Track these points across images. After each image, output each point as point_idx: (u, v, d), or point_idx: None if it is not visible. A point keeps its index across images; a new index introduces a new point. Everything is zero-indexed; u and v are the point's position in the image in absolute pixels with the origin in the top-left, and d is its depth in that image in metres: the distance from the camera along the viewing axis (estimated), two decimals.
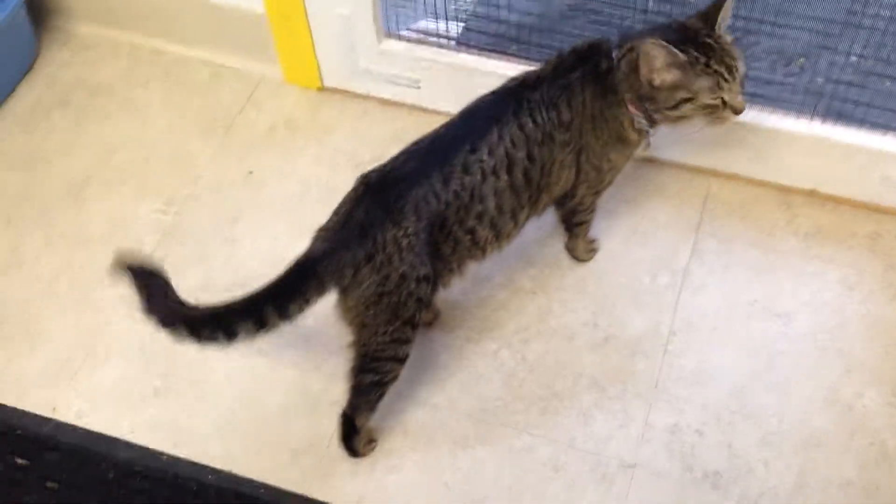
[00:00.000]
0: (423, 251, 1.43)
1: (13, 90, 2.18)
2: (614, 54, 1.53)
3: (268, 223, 1.92)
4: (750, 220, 1.87)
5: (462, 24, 2.07)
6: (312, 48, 2.04)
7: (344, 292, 1.43)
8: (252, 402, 1.69)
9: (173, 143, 2.07)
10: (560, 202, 1.66)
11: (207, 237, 1.91)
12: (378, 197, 1.42)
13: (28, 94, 2.17)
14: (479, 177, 1.48)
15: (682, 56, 1.43)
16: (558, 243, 1.84)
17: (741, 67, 1.49)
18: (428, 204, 1.44)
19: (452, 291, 1.75)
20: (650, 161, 1.95)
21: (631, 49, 1.50)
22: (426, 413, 1.67)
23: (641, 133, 1.59)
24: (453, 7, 2.01)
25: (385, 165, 1.49)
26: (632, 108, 1.54)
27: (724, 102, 1.49)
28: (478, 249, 1.55)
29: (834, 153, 1.80)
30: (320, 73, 2.11)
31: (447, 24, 1.98)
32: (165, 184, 2.00)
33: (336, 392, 1.61)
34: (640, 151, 1.64)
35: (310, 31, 2.01)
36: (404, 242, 1.40)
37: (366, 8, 1.91)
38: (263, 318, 1.38)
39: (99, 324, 1.79)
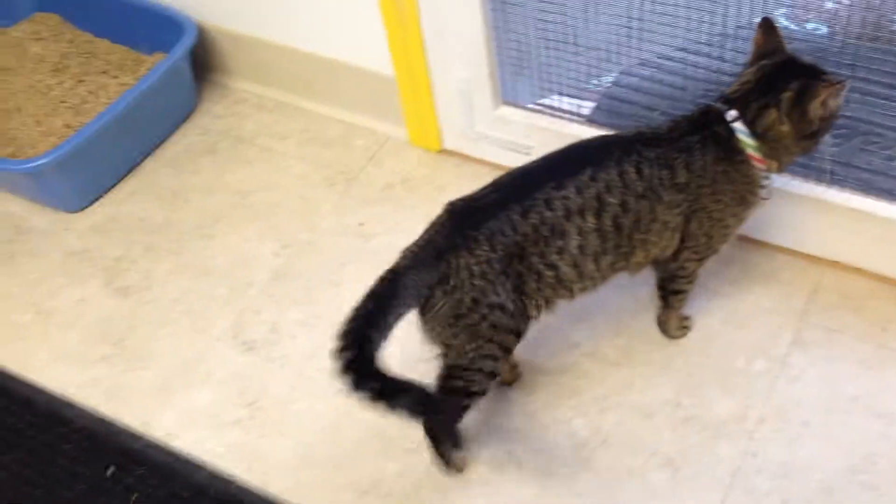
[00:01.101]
0: (498, 279, 1.45)
1: (171, 134, 2.39)
2: (729, 117, 1.52)
3: (371, 270, 1.99)
4: (861, 314, 1.77)
5: (594, 104, 2.07)
6: (434, 111, 2.14)
7: (421, 312, 1.48)
8: (329, 440, 1.74)
9: (300, 191, 2.20)
10: (661, 265, 1.64)
11: (314, 279, 2.00)
12: (459, 224, 1.47)
13: (183, 139, 2.39)
14: (560, 213, 1.49)
15: (842, 89, 1.45)
16: (651, 316, 1.80)
17: None
18: (504, 235, 1.47)
19: (538, 354, 1.75)
20: (761, 245, 1.89)
21: (765, 107, 1.50)
22: (491, 471, 1.66)
23: (761, 191, 1.58)
24: (588, 84, 2.03)
25: (473, 194, 1.55)
26: (757, 164, 1.54)
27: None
28: (563, 288, 1.54)
29: None
30: (440, 136, 2.20)
31: (579, 102, 2.00)
32: (286, 227, 2.12)
33: (411, 438, 1.65)
34: (755, 212, 1.62)
35: (432, 94, 2.10)
36: (476, 269, 1.43)
37: (483, 74, 1.98)
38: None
39: (202, 350, 1.91)
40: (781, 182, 1.78)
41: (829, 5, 1.90)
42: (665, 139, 1.54)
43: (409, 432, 1.70)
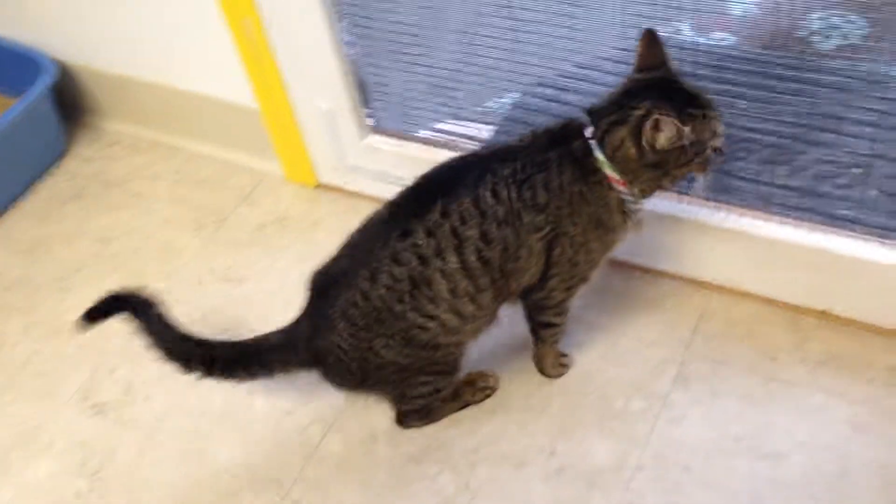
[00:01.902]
0: (376, 343, 1.44)
1: (36, 181, 2.25)
2: (587, 133, 1.39)
3: (237, 320, 1.85)
4: (751, 342, 1.64)
5: (494, 127, 1.94)
6: (303, 144, 2.01)
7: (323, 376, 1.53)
8: None
9: (166, 236, 2.07)
10: (527, 294, 1.50)
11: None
12: (318, 303, 1.47)
13: (51, 185, 2.25)
14: (414, 263, 1.38)
15: (682, 127, 1.31)
16: (529, 354, 1.66)
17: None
18: (357, 307, 1.41)
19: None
20: (643, 270, 1.77)
21: (615, 124, 1.36)
22: None
23: (626, 215, 1.43)
24: (481, 109, 1.90)
25: (328, 261, 1.48)
26: (617, 186, 1.40)
27: (715, 149, 1.37)
28: (454, 334, 1.45)
29: (853, 270, 1.56)
30: (315, 170, 2.07)
31: (477, 126, 1.87)
32: (147, 276, 1.98)
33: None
34: (623, 236, 1.47)
35: (298, 126, 1.98)
36: (346, 343, 1.45)
37: (344, 105, 1.86)
38: (229, 368, 1.54)
39: (46, 417, 1.76)
40: (653, 203, 1.66)
41: (737, 13, 1.79)
42: (522, 154, 1.41)
43: (260, 499, 1.56)
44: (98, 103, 2.33)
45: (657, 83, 1.37)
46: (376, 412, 1.63)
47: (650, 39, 1.38)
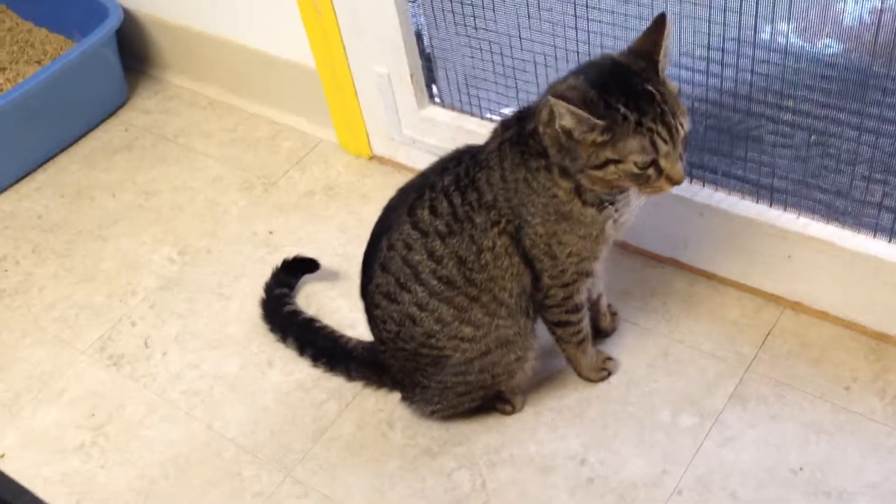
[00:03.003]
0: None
1: (94, 128, 2.20)
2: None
3: (262, 285, 1.75)
4: (823, 367, 1.46)
5: None
6: (359, 110, 1.91)
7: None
8: (176, 475, 1.49)
9: (213, 194, 1.99)
10: (533, 297, 1.35)
11: (204, 290, 1.77)
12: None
13: (106, 133, 2.20)
14: (385, 303, 1.34)
15: (596, 120, 1.11)
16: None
17: (684, 126, 1.14)
18: (387, 334, 1.39)
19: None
20: (711, 277, 1.60)
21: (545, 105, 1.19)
22: None
23: (596, 206, 1.23)
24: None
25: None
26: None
27: (660, 170, 1.14)
28: (473, 356, 1.37)
29: None
30: (370, 140, 1.96)
31: None
32: (187, 233, 1.90)
33: (265, 481, 1.45)
34: (612, 230, 1.29)
35: (355, 90, 1.87)
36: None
37: (403, 67, 1.74)
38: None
39: (62, 364, 1.69)
40: (728, 203, 1.49)
41: (848, 23, 1.61)
42: (468, 157, 1.29)
43: (263, 475, 1.45)
44: (162, 55, 2.27)
45: (620, 71, 1.16)
46: (397, 396, 1.50)
47: (656, 25, 1.17)
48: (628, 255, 1.66)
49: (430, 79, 1.80)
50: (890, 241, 1.40)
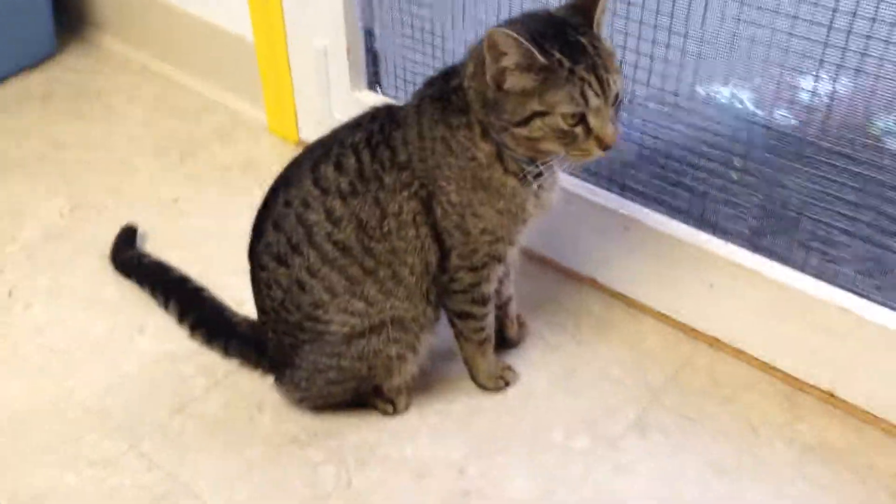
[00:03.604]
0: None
1: (12, 76, 2.07)
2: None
3: (156, 250, 1.61)
4: (733, 407, 1.35)
5: None
6: (291, 89, 1.80)
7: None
8: (7, 436, 1.32)
9: (124, 154, 1.86)
10: (436, 282, 1.23)
11: (91, 247, 1.63)
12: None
13: (24, 81, 2.07)
14: (274, 265, 1.21)
15: (538, 56, 1.01)
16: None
17: (616, 84, 1.04)
18: (267, 314, 1.28)
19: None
20: (630, 303, 1.49)
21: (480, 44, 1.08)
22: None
23: (517, 175, 1.12)
24: None
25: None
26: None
27: (588, 129, 1.04)
28: (362, 337, 1.24)
29: (877, 344, 1.27)
30: (298, 125, 1.85)
31: None
32: (86, 189, 1.77)
33: (104, 449, 1.27)
34: (532, 209, 1.18)
35: (289, 66, 1.77)
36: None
37: (340, 42, 1.65)
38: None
39: None
40: (655, 220, 1.40)
41: (803, 97, 1.57)
42: (384, 113, 1.20)
43: (106, 443, 1.29)
44: (100, 16, 2.17)
45: (556, 21, 1.07)
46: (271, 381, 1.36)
47: None
48: (544, 269, 1.56)
49: (374, 74, 1.70)
50: (818, 279, 1.31)
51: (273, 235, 1.21)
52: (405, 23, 1.59)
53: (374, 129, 1.17)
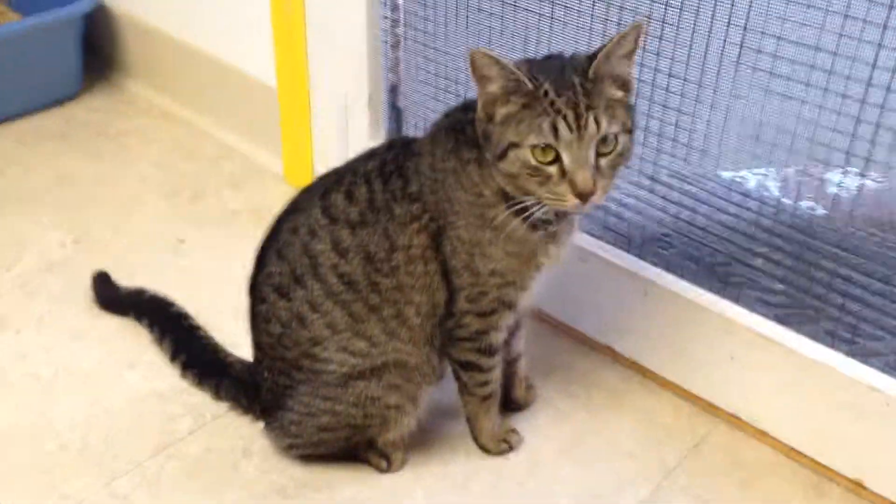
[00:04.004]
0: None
1: (34, 112, 2.06)
2: None
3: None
4: (752, 492, 1.26)
5: None
6: (310, 137, 1.77)
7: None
8: None
9: (132, 193, 1.82)
10: (442, 328, 1.16)
11: (86, 279, 1.57)
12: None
13: (43, 120, 2.05)
14: (272, 299, 1.15)
15: (523, 79, 0.97)
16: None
17: (600, 124, 0.97)
18: (264, 351, 1.21)
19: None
20: (646, 374, 1.41)
21: None
22: None
23: (524, 219, 1.05)
24: None
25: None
26: None
27: (563, 171, 0.98)
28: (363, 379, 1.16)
29: None
30: (313, 174, 1.81)
31: None
32: (89, 224, 1.72)
33: (73, 487, 1.15)
34: (544, 259, 1.12)
35: (310, 114, 1.74)
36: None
37: (363, 89, 1.63)
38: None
39: None
40: (677, 285, 1.33)
41: (832, 190, 1.55)
42: (401, 143, 1.16)
43: (80, 479, 1.21)
44: (127, 60, 2.16)
45: (557, 61, 1.05)
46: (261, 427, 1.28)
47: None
48: (556, 332, 1.49)
49: (396, 130, 1.68)
50: (849, 355, 1.23)
51: (276, 265, 1.15)
52: (429, 72, 1.56)
53: (387, 157, 1.13)
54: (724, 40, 1.20)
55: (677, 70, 1.27)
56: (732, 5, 1.18)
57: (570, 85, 0.98)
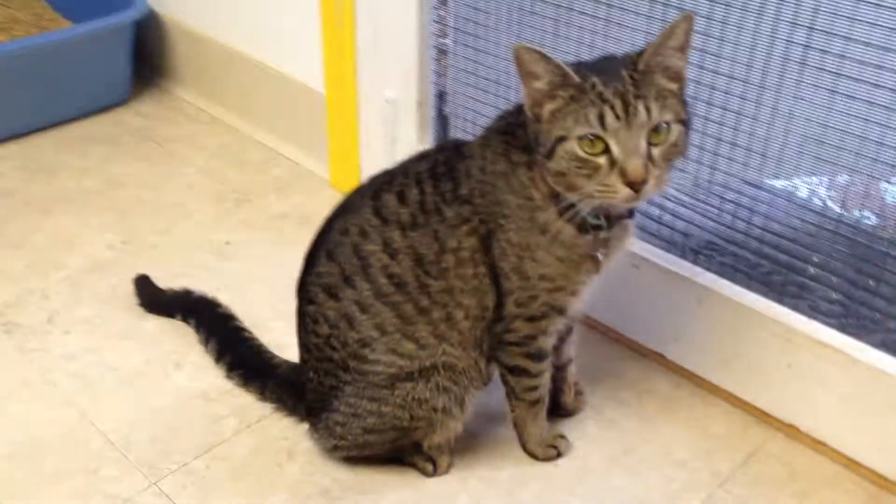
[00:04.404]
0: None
1: (84, 117, 2.08)
2: None
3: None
4: (807, 503, 1.21)
5: None
6: (357, 143, 1.77)
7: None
8: (23, 461, 1.25)
9: (181, 198, 1.83)
10: (490, 332, 1.14)
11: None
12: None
13: (93, 125, 2.08)
14: (322, 299, 1.13)
15: (570, 73, 0.96)
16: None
17: (650, 113, 0.95)
18: (311, 353, 1.19)
19: None
20: (700, 382, 1.38)
21: None
22: None
23: (572, 221, 1.04)
24: None
25: None
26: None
27: (613, 161, 0.95)
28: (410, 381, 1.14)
29: None
30: (359, 180, 1.80)
31: None
32: (137, 227, 1.73)
33: (119, 487, 1.15)
34: (586, 257, 1.08)
35: (357, 120, 1.74)
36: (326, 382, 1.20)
37: (412, 93, 1.62)
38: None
39: None
40: (731, 291, 1.30)
41: (890, 200, 1.51)
42: (451, 145, 1.15)
43: (126, 478, 1.21)
44: (176, 67, 2.19)
45: (607, 60, 1.03)
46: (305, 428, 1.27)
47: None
48: (607, 340, 1.46)
49: (443, 136, 1.67)
50: None
51: (326, 265, 1.14)
52: (478, 76, 1.54)
53: (439, 159, 1.12)
54: (788, 41, 1.17)
55: (739, 72, 1.24)
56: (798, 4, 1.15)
57: (619, 77, 0.96)
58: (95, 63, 2.03)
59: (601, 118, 0.94)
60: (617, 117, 0.94)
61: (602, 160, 0.96)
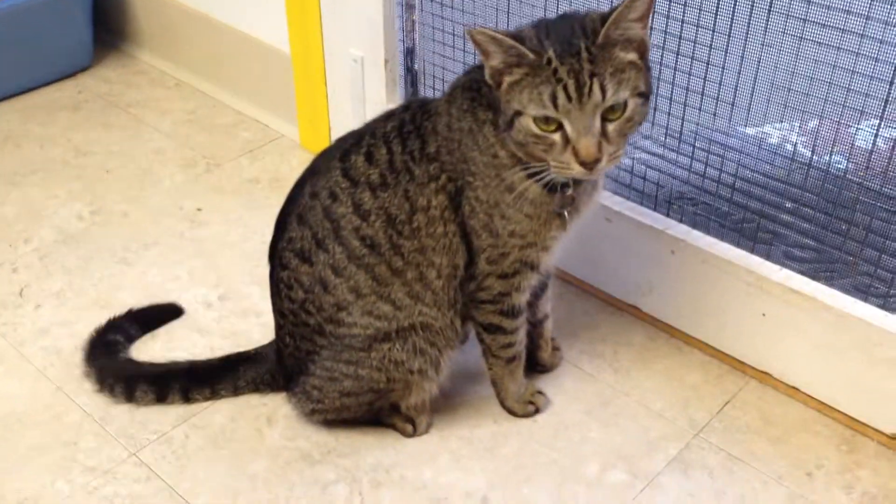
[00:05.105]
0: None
1: (46, 85, 2.04)
2: None
3: (175, 259, 1.55)
4: (785, 448, 1.23)
5: None
6: (326, 102, 1.74)
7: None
8: (6, 430, 1.24)
9: (148, 164, 1.80)
10: (464, 290, 1.14)
11: (106, 251, 1.56)
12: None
13: (55, 91, 2.04)
14: (296, 262, 1.12)
15: (524, 50, 0.94)
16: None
17: (604, 93, 0.94)
18: (286, 317, 1.19)
19: None
20: (673, 333, 1.39)
21: None
22: None
23: (540, 181, 1.03)
24: None
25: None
26: None
27: (567, 138, 0.95)
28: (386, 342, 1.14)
29: None
30: (330, 139, 1.79)
31: None
32: (107, 194, 1.71)
33: (103, 457, 1.17)
34: (551, 213, 1.08)
35: (324, 78, 1.71)
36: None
37: (378, 51, 1.59)
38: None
39: None
40: (704, 241, 1.30)
41: (861, 144, 1.51)
42: (417, 102, 1.13)
43: (104, 450, 1.20)
44: (138, 30, 2.14)
45: (571, 24, 0.98)
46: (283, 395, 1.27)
47: None
48: (583, 295, 1.46)
49: (413, 92, 1.64)
50: (884, 308, 1.19)
51: (297, 230, 1.13)
52: (446, 32, 1.52)
53: (406, 118, 1.10)
54: None
55: (706, 21, 1.23)
56: None
57: (576, 51, 0.94)
58: (55, 28, 1.99)
59: (554, 98, 0.94)
60: (569, 98, 0.93)
61: (557, 137, 0.96)
